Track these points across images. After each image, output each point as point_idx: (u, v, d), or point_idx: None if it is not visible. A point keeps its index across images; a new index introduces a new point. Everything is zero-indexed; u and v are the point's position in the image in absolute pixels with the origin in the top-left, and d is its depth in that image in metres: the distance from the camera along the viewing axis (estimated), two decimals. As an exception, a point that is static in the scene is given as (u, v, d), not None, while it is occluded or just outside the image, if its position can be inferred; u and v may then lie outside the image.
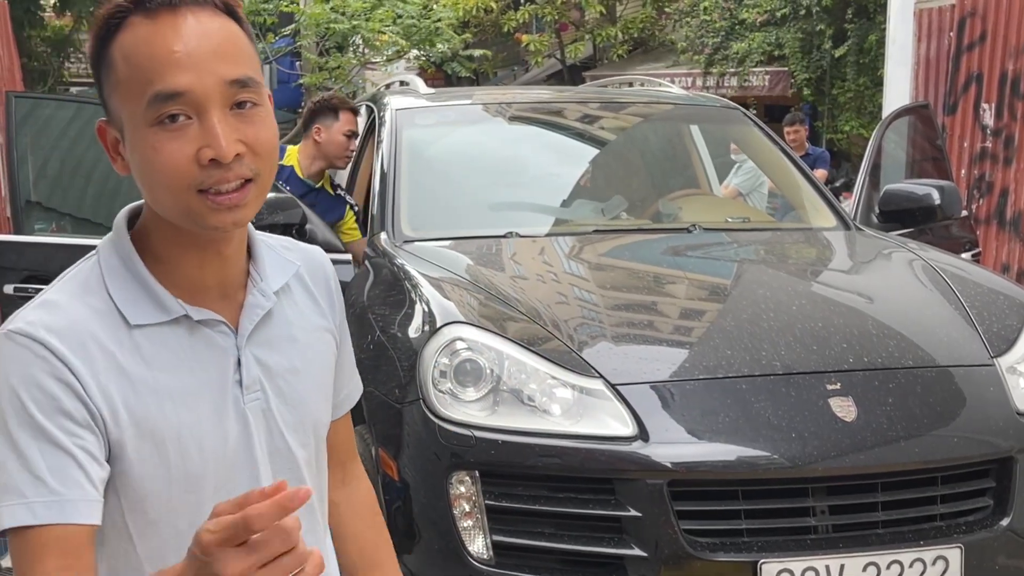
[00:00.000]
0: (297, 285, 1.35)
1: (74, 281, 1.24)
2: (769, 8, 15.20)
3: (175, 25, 1.14)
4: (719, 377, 2.72)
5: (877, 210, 4.36)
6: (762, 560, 2.47)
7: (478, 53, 20.25)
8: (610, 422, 2.61)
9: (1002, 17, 6.69)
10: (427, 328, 2.82)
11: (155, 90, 1.13)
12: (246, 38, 1.21)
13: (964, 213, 5.08)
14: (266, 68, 11.42)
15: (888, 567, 2.51)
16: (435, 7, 18.61)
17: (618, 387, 2.66)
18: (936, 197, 4.15)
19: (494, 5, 19.95)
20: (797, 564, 2.48)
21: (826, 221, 4.10)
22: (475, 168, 4.35)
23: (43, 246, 4.17)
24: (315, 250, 1.43)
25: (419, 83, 5.02)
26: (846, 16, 13.86)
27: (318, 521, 1.39)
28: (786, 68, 15.12)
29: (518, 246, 3.63)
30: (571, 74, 20.10)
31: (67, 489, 1.13)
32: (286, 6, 11.89)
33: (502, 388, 2.67)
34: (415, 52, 19.08)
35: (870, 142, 4.94)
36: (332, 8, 11.69)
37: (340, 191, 4.54)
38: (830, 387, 2.69)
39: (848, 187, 9.65)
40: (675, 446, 2.58)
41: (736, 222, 4.42)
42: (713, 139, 5.35)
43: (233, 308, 1.27)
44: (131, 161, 1.19)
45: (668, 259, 3.71)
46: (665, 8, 18.58)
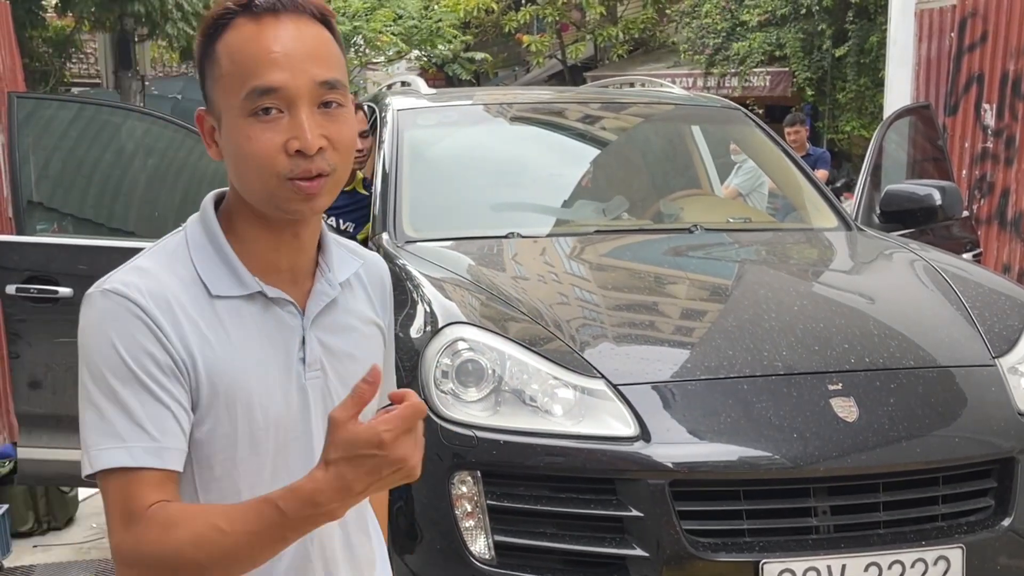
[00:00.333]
0: (357, 282, 1.49)
1: (163, 252, 1.36)
2: (770, 8, 15.20)
3: (276, 28, 1.28)
4: (721, 377, 2.72)
5: (878, 210, 4.36)
6: (764, 560, 2.47)
7: (479, 56, 20.27)
8: (612, 422, 2.61)
9: (1003, 18, 6.69)
10: (429, 328, 2.82)
11: (253, 85, 1.26)
12: (337, 46, 1.34)
13: (965, 213, 5.08)
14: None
15: (890, 567, 2.51)
16: (436, 7, 18.63)
17: (620, 387, 2.66)
18: (937, 197, 4.15)
19: (495, 6, 19.98)
20: (799, 564, 2.48)
21: (827, 221, 4.10)
22: (477, 169, 4.35)
23: (45, 246, 4.18)
24: (376, 256, 1.57)
25: (420, 83, 5.02)
26: (847, 16, 13.85)
27: (365, 512, 1.52)
28: (787, 68, 15.13)
29: (520, 246, 3.64)
30: (572, 74, 20.12)
31: (164, 437, 1.26)
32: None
33: (504, 388, 2.68)
34: (416, 53, 19.11)
35: (871, 142, 4.94)
36: (333, 9, 11.70)
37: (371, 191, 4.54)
38: (832, 387, 2.69)
39: (849, 187, 9.66)
40: (677, 446, 2.58)
41: (737, 222, 4.42)
42: (714, 139, 5.35)
43: (302, 293, 1.39)
44: (224, 147, 1.33)
45: (669, 259, 3.72)
46: (666, 10, 18.57)
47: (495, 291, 3.09)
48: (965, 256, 4.36)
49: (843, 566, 2.49)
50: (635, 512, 2.51)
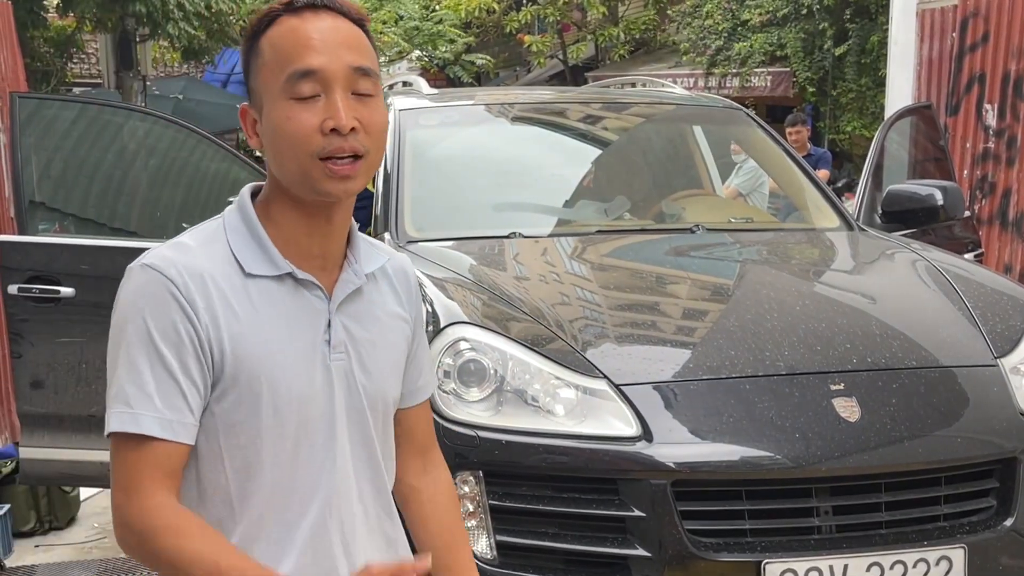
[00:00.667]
0: (383, 277, 1.58)
1: (203, 233, 1.47)
2: (771, 8, 15.19)
3: (315, 21, 1.41)
4: (723, 377, 2.72)
5: (880, 210, 4.36)
6: (766, 560, 2.47)
7: (480, 60, 20.26)
8: (614, 422, 2.61)
9: (1005, 18, 6.68)
10: (431, 328, 2.82)
11: (293, 68, 1.39)
12: (370, 43, 1.47)
13: (967, 214, 5.08)
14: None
15: (892, 567, 2.51)
16: (437, 8, 18.62)
17: (622, 387, 2.66)
18: (939, 198, 4.15)
19: (496, 6, 19.97)
20: (801, 564, 2.48)
21: (829, 222, 4.10)
22: (478, 169, 4.35)
23: (47, 246, 4.18)
24: (403, 257, 1.67)
25: (422, 84, 5.02)
26: (846, 15, 13.84)
27: (387, 492, 1.58)
28: (788, 69, 15.12)
29: (521, 246, 3.64)
30: (573, 75, 20.12)
31: (169, 410, 1.37)
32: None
33: (506, 388, 2.68)
34: (417, 53, 19.10)
35: (873, 142, 4.93)
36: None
37: None
38: (834, 387, 2.69)
39: (850, 187, 9.65)
40: (679, 446, 2.58)
41: (739, 222, 4.42)
42: (716, 139, 5.35)
43: (330, 280, 1.49)
44: (264, 131, 1.43)
45: (671, 259, 3.71)
46: (667, 10, 18.57)
47: (497, 291, 3.09)
48: (967, 256, 4.36)
49: (845, 566, 2.49)
50: (637, 512, 2.51)
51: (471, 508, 2.58)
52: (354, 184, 1.42)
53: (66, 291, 4.01)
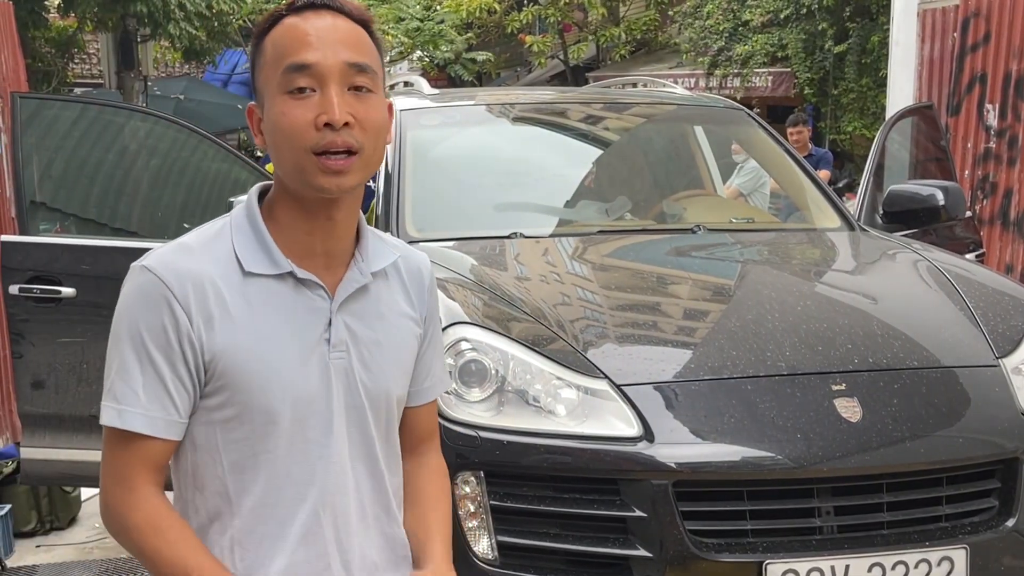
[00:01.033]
0: (395, 275, 1.59)
1: (209, 231, 1.50)
2: (772, 9, 15.19)
3: (315, 20, 1.44)
4: (724, 378, 2.71)
5: (881, 211, 4.35)
6: (767, 560, 2.47)
7: (481, 57, 20.26)
8: (615, 423, 2.61)
9: (1006, 18, 6.68)
10: (432, 328, 2.81)
11: (289, 62, 1.42)
12: (371, 41, 1.48)
13: (968, 214, 5.07)
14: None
15: (893, 568, 2.51)
16: (438, 8, 18.61)
17: (623, 388, 2.66)
18: (940, 198, 4.14)
19: (497, 6, 19.97)
20: (802, 565, 2.48)
21: (830, 222, 4.10)
22: (479, 169, 4.35)
23: (47, 246, 4.18)
24: (420, 254, 1.67)
25: (423, 84, 5.02)
26: (845, 13, 13.83)
27: (387, 491, 1.58)
28: (789, 69, 15.11)
29: (522, 247, 3.63)
30: (574, 75, 20.11)
31: (153, 407, 1.42)
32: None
33: (507, 388, 2.68)
34: (418, 53, 19.10)
35: (874, 143, 4.93)
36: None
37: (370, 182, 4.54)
38: (835, 388, 2.68)
39: (851, 188, 9.65)
40: (680, 447, 2.58)
41: (740, 223, 4.41)
42: (717, 140, 5.35)
43: (335, 279, 1.50)
44: (265, 129, 1.46)
45: (672, 260, 3.71)
46: (668, 11, 18.57)
47: (498, 291, 3.09)
48: (968, 256, 4.35)
49: (847, 566, 2.49)
50: (638, 512, 2.51)
51: (472, 508, 2.58)
52: (348, 180, 1.43)
53: (67, 291, 4.01)
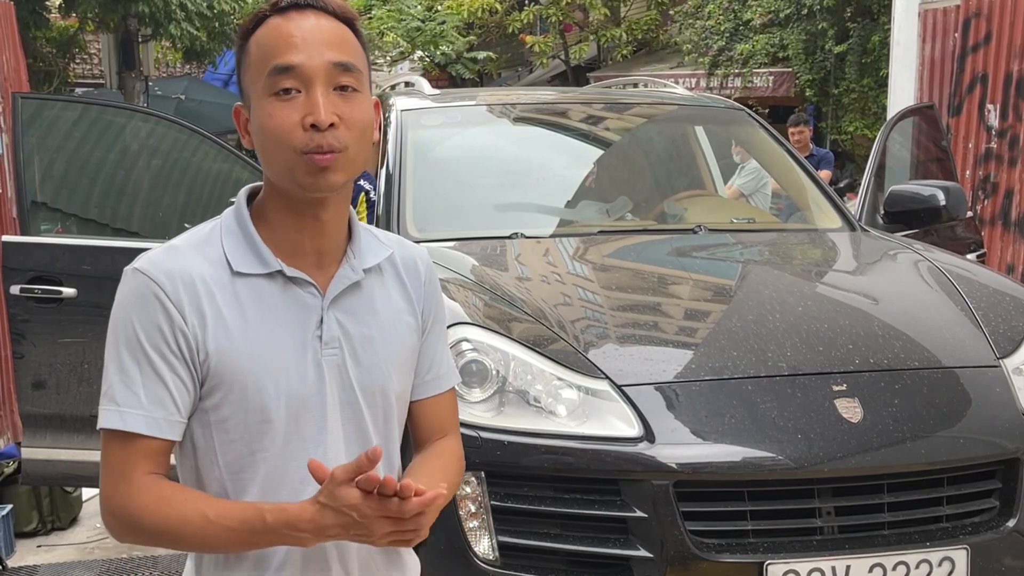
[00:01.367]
0: (390, 270, 1.60)
1: (199, 234, 1.50)
2: (773, 9, 15.18)
3: (298, 20, 1.44)
4: (725, 378, 2.71)
5: (882, 211, 4.35)
6: (768, 561, 2.47)
7: (482, 55, 20.27)
8: (616, 423, 2.61)
9: (1007, 18, 6.68)
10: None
11: (273, 64, 1.42)
12: (356, 39, 1.49)
13: (969, 214, 5.07)
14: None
15: (894, 568, 2.51)
16: (439, 8, 18.60)
17: (624, 388, 2.66)
18: (941, 198, 4.14)
19: (499, 6, 19.96)
20: (803, 565, 2.48)
21: (831, 222, 4.10)
22: (480, 169, 4.35)
23: (49, 247, 4.18)
24: (416, 248, 1.68)
25: (424, 84, 5.02)
26: (846, 13, 13.83)
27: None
28: (790, 69, 15.11)
29: (523, 247, 3.63)
30: (575, 75, 20.11)
31: (153, 408, 1.42)
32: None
33: (508, 389, 2.68)
34: (419, 53, 19.10)
35: (875, 143, 4.93)
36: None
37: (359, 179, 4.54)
38: (836, 388, 2.69)
39: (852, 188, 9.64)
40: (681, 447, 2.58)
41: (741, 223, 4.41)
42: (718, 140, 5.34)
43: (326, 277, 1.51)
44: (252, 129, 1.47)
45: (673, 260, 3.71)
46: (669, 11, 18.57)
47: (499, 291, 3.09)
48: (969, 257, 4.35)
49: (847, 567, 2.49)
50: (639, 513, 2.51)
51: (473, 509, 2.58)
52: (334, 177, 1.43)
53: (68, 291, 4.01)
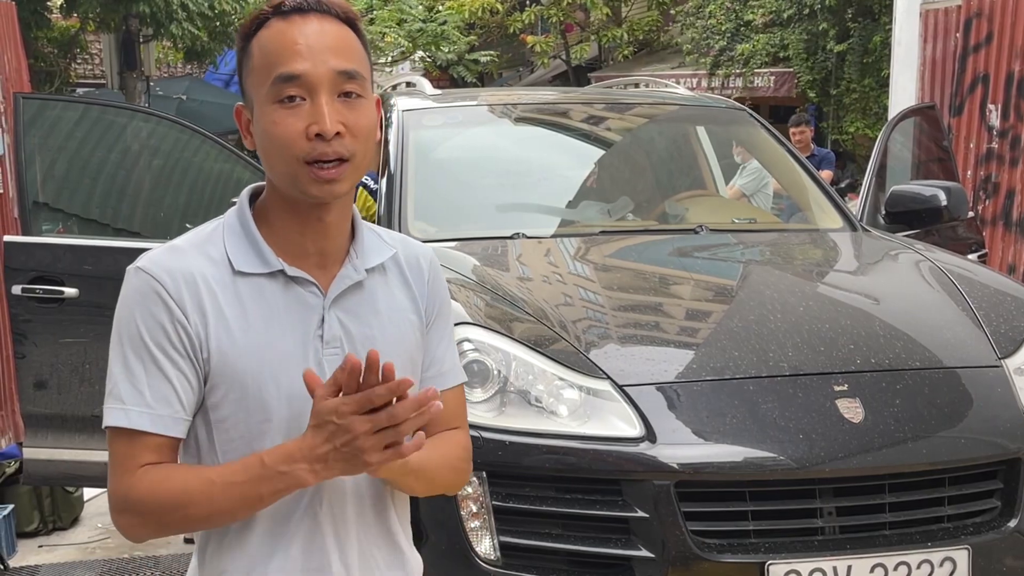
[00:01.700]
0: (394, 269, 1.59)
1: (201, 233, 1.51)
2: (774, 9, 15.18)
3: (302, 25, 1.43)
4: (726, 378, 2.71)
5: (883, 211, 4.35)
6: (769, 561, 2.47)
7: (484, 58, 20.26)
8: (617, 423, 2.61)
9: (1008, 18, 6.68)
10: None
11: (278, 72, 1.40)
12: (359, 44, 1.48)
13: (970, 214, 5.07)
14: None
15: (895, 568, 2.51)
16: (440, 8, 18.60)
17: (625, 388, 2.66)
18: (943, 198, 4.14)
19: (500, 7, 19.96)
20: (804, 565, 2.48)
21: (832, 222, 4.09)
22: (482, 169, 4.35)
23: (50, 247, 4.19)
24: (421, 247, 1.66)
25: (425, 84, 5.02)
26: (847, 13, 13.83)
27: (386, 488, 1.57)
28: (791, 69, 15.11)
29: (525, 247, 3.63)
30: (576, 75, 20.11)
31: (158, 405, 1.42)
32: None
33: (509, 389, 2.68)
34: (420, 54, 19.10)
35: (876, 143, 4.93)
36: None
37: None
38: (837, 388, 2.69)
39: (853, 188, 9.65)
40: (682, 447, 2.58)
41: (742, 223, 4.42)
42: (719, 140, 5.34)
43: (328, 277, 1.50)
44: (255, 134, 1.46)
45: (674, 260, 3.71)
46: (670, 11, 18.57)
47: (500, 292, 3.09)
48: (970, 257, 4.35)
49: (849, 567, 2.49)
50: (640, 513, 2.51)
51: (474, 509, 2.58)
52: (339, 186, 1.43)
53: (70, 291, 4.01)
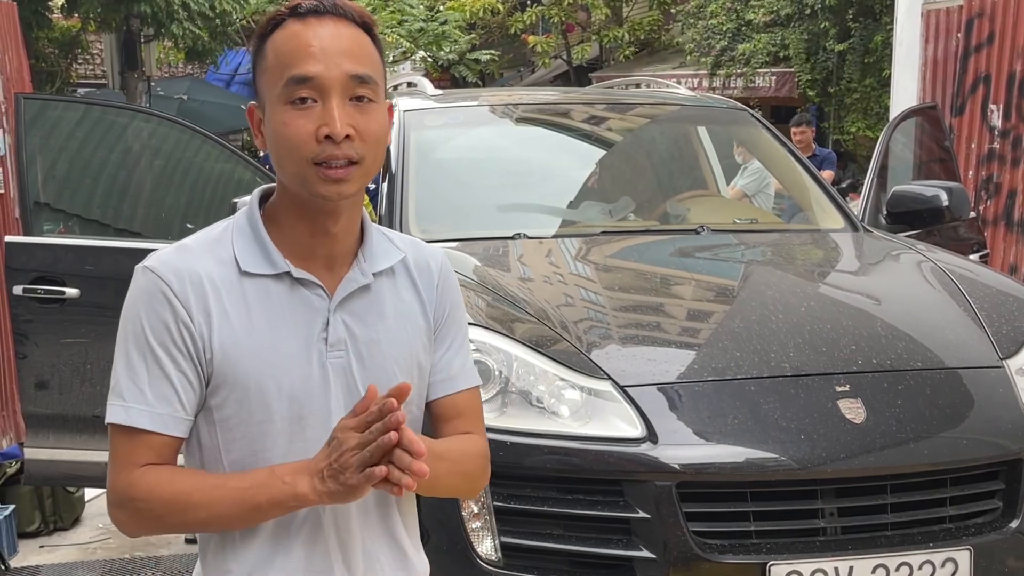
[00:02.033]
0: (403, 272, 1.59)
1: (210, 234, 1.52)
2: (775, 8, 15.17)
3: (317, 28, 1.44)
4: (728, 379, 2.71)
5: (885, 211, 4.35)
6: (771, 562, 2.47)
7: (485, 57, 20.26)
8: (618, 424, 2.60)
9: (1010, 18, 6.68)
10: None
11: (291, 74, 1.41)
12: (374, 48, 1.48)
13: (972, 215, 5.06)
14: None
15: (897, 569, 2.51)
16: (441, 8, 18.59)
17: (626, 389, 2.65)
18: (944, 198, 4.13)
19: (501, 7, 19.97)
20: (806, 566, 2.47)
21: (834, 222, 4.09)
22: (483, 169, 4.35)
23: (52, 247, 4.19)
24: (431, 250, 1.66)
25: (427, 84, 5.02)
26: (848, 13, 13.82)
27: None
28: (792, 69, 15.10)
29: (526, 247, 3.63)
30: (577, 75, 20.11)
31: (159, 404, 1.43)
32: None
33: (510, 390, 2.67)
34: (421, 54, 19.10)
35: (878, 143, 4.93)
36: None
37: None
38: (839, 389, 2.68)
39: (855, 188, 9.64)
40: (684, 448, 2.57)
41: (744, 223, 4.41)
42: (720, 140, 5.34)
43: (336, 280, 1.51)
44: (266, 133, 1.47)
45: (676, 260, 3.71)
46: (671, 10, 18.56)
47: (501, 292, 3.08)
48: (972, 257, 4.35)
49: (850, 568, 2.49)
50: (642, 514, 2.50)
51: (475, 509, 2.58)
52: (348, 188, 1.43)
53: (71, 292, 4.01)
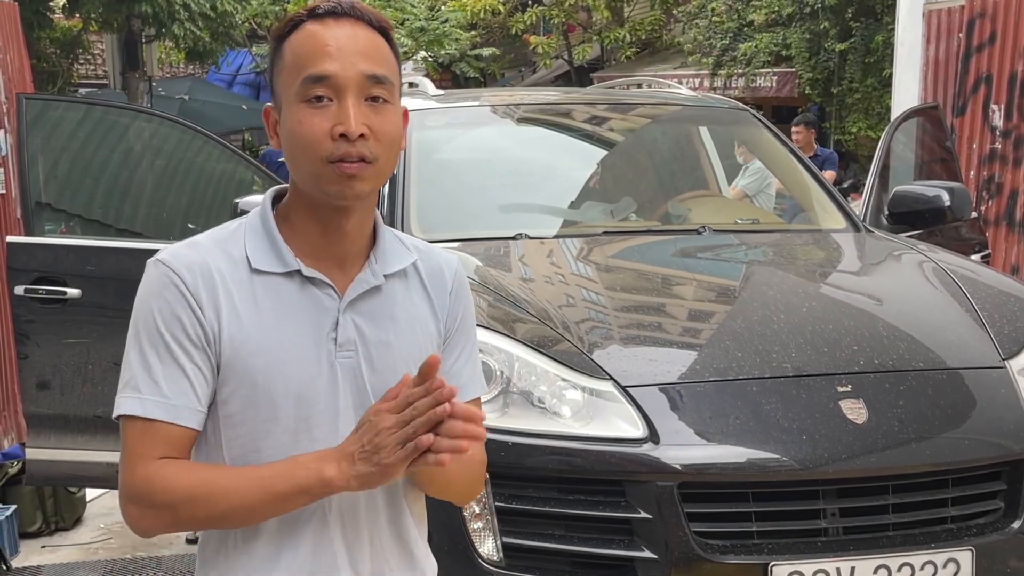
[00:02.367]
0: (415, 276, 1.59)
1: (223, 231, 1.53)
2: (776, 8, 15.16)
3: (335, 28, 1.45)
4: (729, 379, 2.71)
5: (886, 212, 4.34)
6: (773, 562, 2.47)
7: (487, 52, 20.27)
8: (620, 424, 2.60)
9: (1012, 18, 6.67)
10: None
11: (307, 72, 1.43)
12: (390, 51, 1.50)
13: (974, 215, 5.06)
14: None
15: (899, 569, 2.51)
16: (442, 8, 18.60)
17: (628, 389, 2.65)
18: (946, 199, 4.13)
19: (502, 7, 19.97)
20: (808, 567, 2.47)
21: (836, 223, 4.09)
22: (484, 170, 4.35)
23: (53, 247, 4.19)
24: (446, 256, 1.65)
25: (428, 84, 5.02)
26: (848, 13, 13.81)
27: (399, 492, 1.55)
28: (793, 69, 15.09)
29: (527, 247, 3.63)
30: (578, 75, 20.12)
31: (174, 395, 1.43)
32: (292, 7, 11.91)
33: (512, 390, 2.67)
34: (422, 54, 19.11)
35: (879, 143, 4.92)
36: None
37: None
38: (841, 389, 2.68)
39: (856, 188, 9.64)
40: (685, 448, 2.57)
41: (746, 224, 4.41)
42: (722, 140, 5.34)
43: (347, 280, 1.51)
44: (281, 133, 1.48)
45: (677, 261, 3.71)
46: (672, 11, 18.56)
47: (503, 292, 3.08)
48: (974, 257, 4.34)
49: (852, 568, 2.49)
50: (643, 514, 2.50)
51: (477, 510, 2.58)
52: (362, 186, 1.44)
53: (72, 292, 4.01)
